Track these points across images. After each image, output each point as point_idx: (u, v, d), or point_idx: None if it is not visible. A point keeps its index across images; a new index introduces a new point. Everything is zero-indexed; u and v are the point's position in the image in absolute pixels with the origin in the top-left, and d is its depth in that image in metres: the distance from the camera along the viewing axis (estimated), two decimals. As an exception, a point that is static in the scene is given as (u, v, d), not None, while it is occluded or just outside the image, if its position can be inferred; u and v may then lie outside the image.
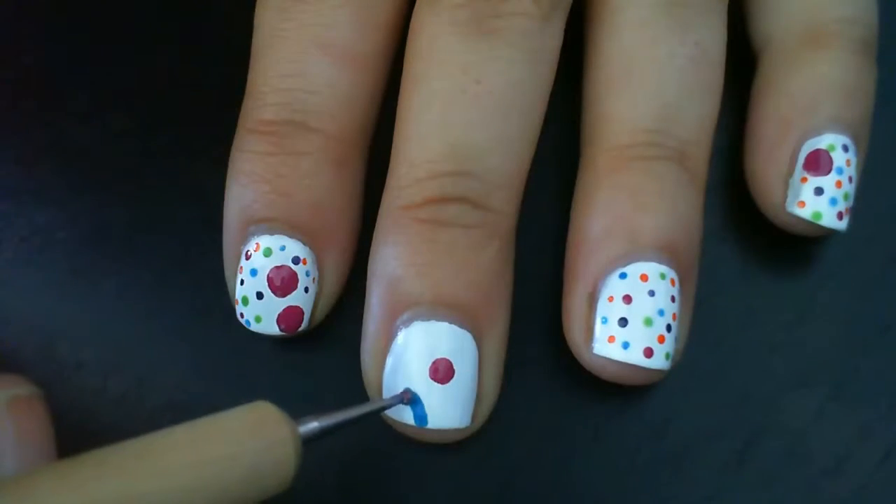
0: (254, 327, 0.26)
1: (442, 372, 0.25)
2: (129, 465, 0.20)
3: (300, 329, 0.27)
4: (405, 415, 0.25)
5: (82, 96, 0.31)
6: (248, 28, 0.28)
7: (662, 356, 0.26)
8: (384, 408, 0.25)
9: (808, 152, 0.27)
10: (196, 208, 0.29)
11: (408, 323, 0.25)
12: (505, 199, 0.26)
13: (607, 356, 0.26)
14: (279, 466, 0.22)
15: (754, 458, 0.28)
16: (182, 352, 0.28)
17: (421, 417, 0.25)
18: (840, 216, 0.27)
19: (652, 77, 0.27)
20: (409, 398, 0.25)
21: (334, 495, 0.27)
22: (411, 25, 0.27)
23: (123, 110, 0.31)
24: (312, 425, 0.23)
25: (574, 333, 0.27)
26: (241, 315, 0.27)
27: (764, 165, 0.28)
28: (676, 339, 0.26)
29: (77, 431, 0.27)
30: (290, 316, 0.26)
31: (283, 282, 0.26)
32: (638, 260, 0.26)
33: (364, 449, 0.27)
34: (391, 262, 0.26)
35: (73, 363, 0.28)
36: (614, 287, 0.26)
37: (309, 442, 0.23)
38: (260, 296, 0.26)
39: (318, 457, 0.27)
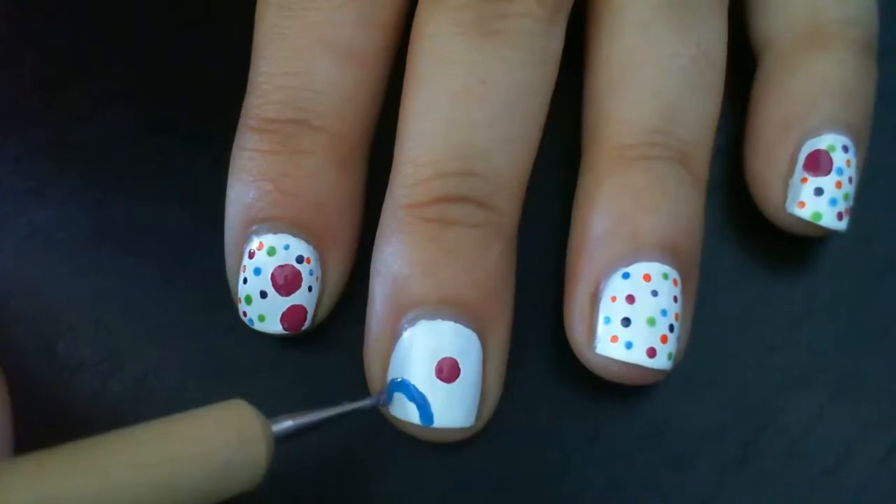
0: (257, 326, 0.26)
1: (447, 371, 0.25)
2: (102, 459, 0.20)
3: (303, 328, 0.27)
4: (411, 414, 0.25)
5: (82, 96, 0.31)
6: (247, 27, 0.28)
7: (665, 356, 0.26)
8: (359, 408, 0.25)
9: (807, 153, 0.27)
10: (196, 208, 0.29)
11: (413, 322, 0.25)
12: (509, 199, 0.26)
13: (610, 356, 0.26)
14: (250, 464, 0.22)
15: (754, 458, 0.28)
16: (182, 351, 0.28)
17: (427, 417, 0.25)
18: (840, 216, 0.27)
19: (653, 77, 0.27)
20: (385, 400, 0.25)
21: (333, 495, 0.27)
22: (414, 25, 0.27)
23: (123, 110, 0.31)
24: (286, 424, 0.23)
25: (576, 333, 0.27)
26: (244, 314, 0.27)
27: (764, 166, 0.28)
28: (678, 339, 0.26)
29: (77, 431, 0.27)
30: (293, 315, 0.26)
31: (286, 280, 0.26)
32: (640, 260, 0.26)
33: (362, 448, 0.27)
34: (396, 260, 0.26)
35: (73, 363, 0.28)
36: (617, 287, 0.26)
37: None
38: (264, 294, 0.26)
39: (316, 456, 0.27)
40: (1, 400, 0.23)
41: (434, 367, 0.25)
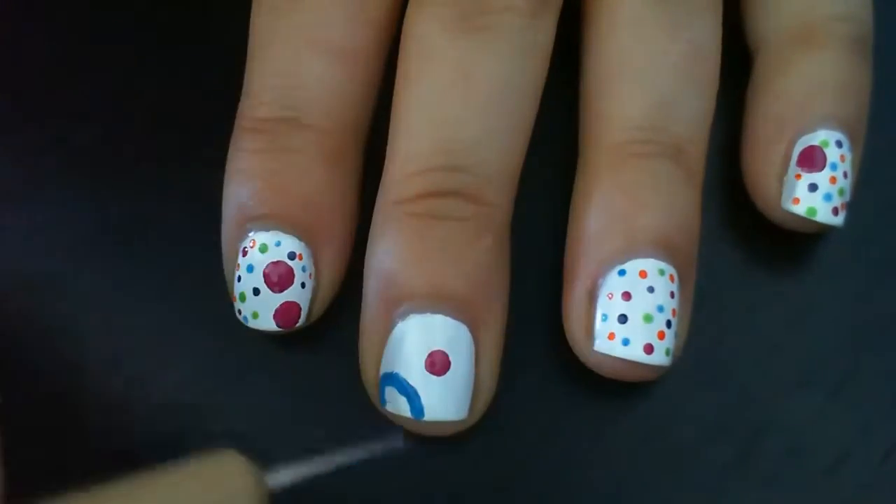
0: (251, 323, 0.27)
1: (438, 364, 0.25)
2: None
3: (298, 325, 0.27)
4: (402, 407, 0.25)
5: (82, 96, 0.31)
6: (247, 28, 0.28)
7: (663, 352, 0.26)
8: (369, 458, 0.24)
9: (801, 149, 0.27)
10: (196, 208, 0.29)
11: (403, 316, 0.25)
12: (498, 193, 0.26)
13: (608, 353, 0.26)
14: None
15: (754, 458, 0.28)
16: (182, 351, 0.28)
17: (418, 410, 0.25)
18: (835, 212, 0.27)
19: (645, 75, 0.27)
20: (398, 444, 0.25)
21: (331, 494, 0.27)
22: (404, 23, 0.27)
23: (123, 110, 0.31)
24: (283, 477, 0.22)
25: (574, 331, 0.27)
26: (239, 311, 0.27)
27: (759, 164, 0.28)
28: (676, 335, 0.26)
29: (77, 431, 0.27)
30: (286, 311, 0.26)
31: (279, 277, 0.26)
32: (636, 256, 0.26)
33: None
34: (386, 256, 0.26)
35: (73, 363, 0.28)
36: (613, 284, 0.26)
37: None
38: (257, 292, 0.26)
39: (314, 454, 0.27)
40: None
41: (425, 361, 0.25)
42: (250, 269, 0.26)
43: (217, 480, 0.21)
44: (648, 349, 0.26)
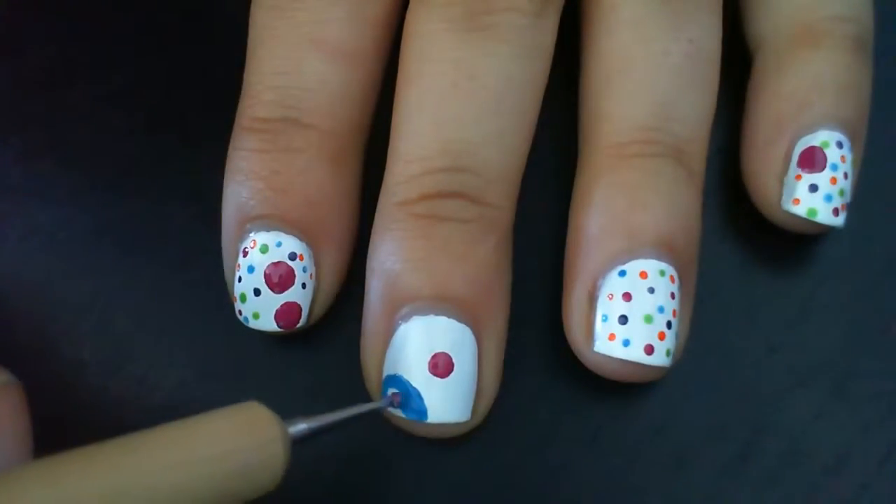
0: (252, 324, 0.26)
1: (441, 366, 0.25)
2: (116, 462, 0.20)
3: (298, 325, 0.27)
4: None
5: (82, 96, 0.31)
6: (246, 27, 0.28)
7: (663, 353, 0.26)
8: (373, 410, 0.25)
9: (801, 150, 0.27)
10: (196, 207, 0.29)
11: (406, 318, 0.25)
12: (501, 194, 0.26)
13: (608, 354, 0.26)
14: (268, 466, 0.22)
15: (754, 458, 0.28)
16: (182, 351, 0.28)
17: (421, 412, 0.25)
18: (836, 212, 0.27)
19: (647, 75, 0.27)
20: (399, 401, 0.25)
21: (332, 494, 0.27)
22: (405, 23, 0.27)
23: (123, 110, 0.31)
24: (301, 426, 0.23)
25: (574, 332, 0.27)
26: (240, 312, 0.27)
27: (759, 164, 0.28)
28: (677, 336, 0.26)
29: (77, 431, 0.27)
30: (287, 312, 0.26)
31: (280, 278, 0.26)
32: (637, 257, 0.26)
33: (362, 447, 0.27)
34: (388, 257, 0.26)
35: (73, 363, 0.28)
36: (614, 285, 0.26)
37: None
38: (257, 292, 0.26)
39: (314, 455, 0.27)
40: (19, 408, 0.23)
41: (428, 362, 0.25)
42: (251, 269, 0.26)
43: (245, 427, 0.22)
44: (649, 350, 0.26)
